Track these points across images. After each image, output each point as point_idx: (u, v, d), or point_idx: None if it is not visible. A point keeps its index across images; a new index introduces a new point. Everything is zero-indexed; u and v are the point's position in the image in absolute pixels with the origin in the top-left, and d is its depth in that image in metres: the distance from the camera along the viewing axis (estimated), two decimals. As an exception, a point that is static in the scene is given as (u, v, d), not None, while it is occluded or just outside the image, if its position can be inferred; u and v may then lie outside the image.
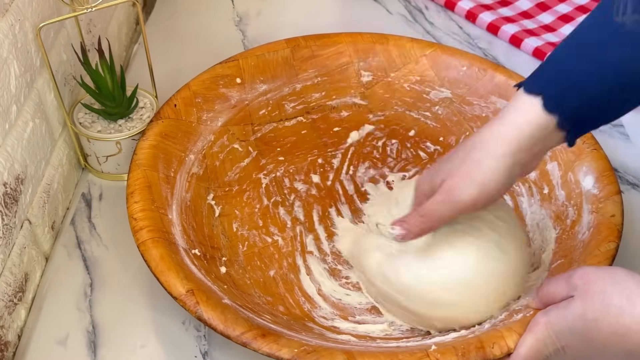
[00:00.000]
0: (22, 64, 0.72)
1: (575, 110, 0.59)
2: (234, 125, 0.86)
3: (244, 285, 0.74)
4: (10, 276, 0.70)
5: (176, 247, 0.70)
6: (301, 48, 0.91)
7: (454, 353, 0.61)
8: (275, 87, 0.89)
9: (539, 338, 0.60)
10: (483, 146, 0.61)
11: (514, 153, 0.60)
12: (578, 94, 0.58)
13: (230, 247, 0.77)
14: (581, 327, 0.56)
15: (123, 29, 1.04)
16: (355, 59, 0.92)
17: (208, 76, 0.86)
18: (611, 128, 0.94)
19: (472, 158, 0.61)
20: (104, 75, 0.82)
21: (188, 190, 0.78)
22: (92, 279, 0.77)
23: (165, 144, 0.79)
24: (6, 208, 0.68)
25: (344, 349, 0.63)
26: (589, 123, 0.62)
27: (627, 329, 0.53)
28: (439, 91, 0.90)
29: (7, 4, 0.68)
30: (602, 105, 0.59)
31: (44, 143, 0.78)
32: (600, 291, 0.55)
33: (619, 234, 0.70)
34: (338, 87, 0.92)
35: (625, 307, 0.54)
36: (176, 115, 0.82)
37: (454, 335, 0.67)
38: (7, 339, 0.70)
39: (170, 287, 0.65)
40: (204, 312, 0.63)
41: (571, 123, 0.60)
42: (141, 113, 0.87)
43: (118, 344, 0.72)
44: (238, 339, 0.62)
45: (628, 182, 0.88)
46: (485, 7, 1.12)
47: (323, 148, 0.89)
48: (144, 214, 0.71)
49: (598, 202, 0.74)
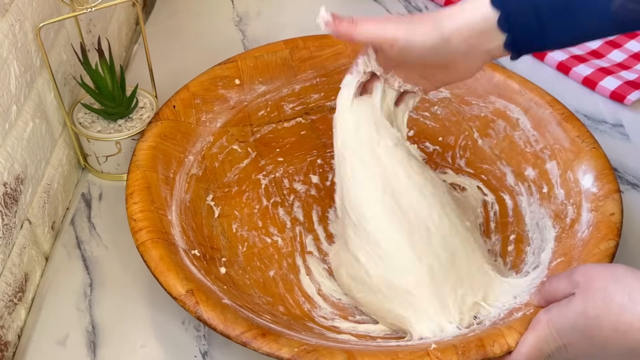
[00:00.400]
0: (22, 64, 0.72)
1: (518, 15, 0.62)
2: (233, 127, 0.86)
3: (244, 285, 0.74)
4: (10, 276, 0.70)
5: (176, 248, 0.70)
6: (300, 49, 0.91)
7: (454, 351, 0.61)
8: (274, 88, 0.89)
9: (540, 336, 0.60)
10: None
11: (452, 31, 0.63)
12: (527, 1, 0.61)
13: (229, 247, 0.77)
14: (582, 324, 0.56)
15: (123, 29, 1.04)
16: (353, 60, 0.91)
17: (207, 77, 0.86)
18: (611, 128, 0.94)
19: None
20: (103, 75, 0.83)
21: (187, 191, 0.78)
22: (92, 279, 0.77)
23: (164, 145, 0.79)
24: (6, 208, 0.69)
25: (344, 348, 0.63)
26: (532, 40, 0.64)
27: (629, 326, 0.54)
28: (437, 91, 0.90)
29: (7, 4, 0.68)
30: (546, 20, 0.62)
31: (44, 143, 0.78)
32: (602, 288, 0.55)
33: (619, 232, 0.70)
34: (337, 88, 0.90)
35: (626, 305, 0.54)
36: (175, 117, 0.82)
37: (454, 333, 0.67)
38: (7, 339, 0.70)
39: (170, 287, 0.65)
40: (203, 312, 0.63)
41: (511, 25, 0.62)
42: (141, 113, 0.87)
43: (118, 344, 0.72)
44: (238, 339, 0.62)
45: (628, 182, 0.88)
46: (484, 7, 1.12)
47: (322, 149, 0.89)
48: (144, 215, 0.71)
49: (597, 200, 0.74)
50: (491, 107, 0.87)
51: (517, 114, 0.85)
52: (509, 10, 0.62)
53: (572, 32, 0.63)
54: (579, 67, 1.01)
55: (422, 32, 0.65)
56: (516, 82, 0.86)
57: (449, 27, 0.64)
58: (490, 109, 0.87)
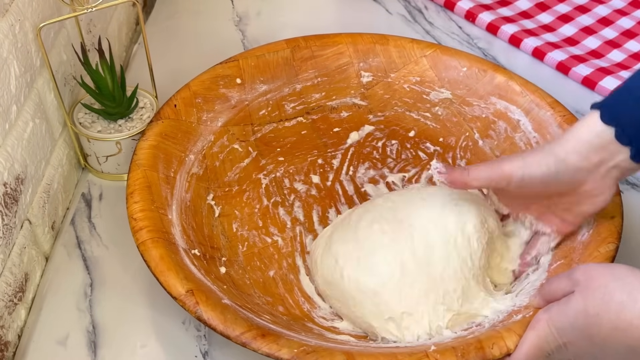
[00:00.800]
0: (22, 64, 0.72)
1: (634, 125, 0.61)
2: (234, 126, 0.86)
3: (244, 285, 0.74)
4: (10, 276, 0.70)
5: (176, 247, 0.70)
6: (301, 48, 0.91)
7: (454, 353, 0.61)
8: (275, 88, 0.89)
9: (540, 335, 0.60)
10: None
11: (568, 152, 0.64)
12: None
13: (230, 247, 0.77)
14: (582, 322, 0.56)
15: (123, 29, 1.04)
16: (355, 60, 0.92)
17: (208, 76, 0.86)
18: (611, 128, 0.94)
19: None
20: (104, 75, 0.82)
21: (188, 191, 0.78)
22: (92, 279, 0.77)
23: (165, 144, 0.79)
24: (6, 208, 0.69)
25: (343, 349, 0.63)
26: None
27: (628, 324, 0.54)
28: (439, 92, 0.90)
29: (7, 4, 0.68)
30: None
31: (44, 143, 0.78)
32: (602, 286, 0.55)
33: (619, 235, 0.70)
34: (338, 88, 0.92)
35: (626, 303, 0.54)
36: (176, 116, 0.82)
37: (453, 335, 0.67)
38: (7, 339, 0.70)
39: (170, 287, 0.65)
40: (203, 312, 0.63)
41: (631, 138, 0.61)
42: (141, 113, 0.87)
43: (118, 344, 0.72)
44: (238, 339, 0.62)
45: (628, 182, 0.88)
46: (484, 7, 1.12)
47: (323, 148, 0.89)
48: (144, 214, 0.71)
49: (598, 202, 0.74)
50: (492, 108, 0.87)
51: (518, 116, 0.85)
52: (624, 123, 0.61)
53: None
54: (579, 67, 1.01)
55: (535, 161, 0.65)
56: (517, 84, 0.86)
57: (563, 148, 0.64)
58: (491, 110, 0.87)
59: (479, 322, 0.68)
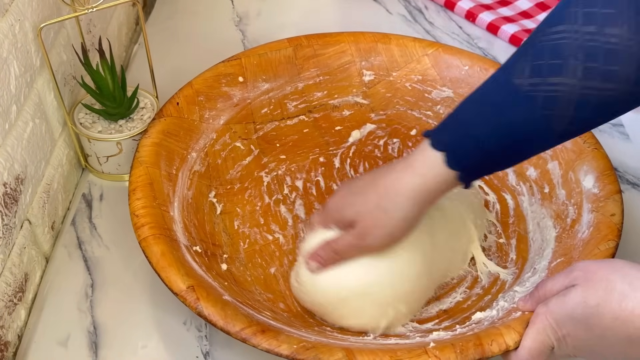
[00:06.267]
0: (22, 64, 0.72)
1: (474, 166, 0.64)
2: (236, 124, 0.86)
3: (245, 282, 0.74)
4: (10, 276, 0.70)
5: (177, 244, 0.70)
6: (303, 47, 0.91)
7: (453, 350, 0.61)
8: (278, 86, 0.89)
9: (540, 328, 0.60)
10: (394, 199, 0.65)
11: (420, 204, 0.65)
12: (479, 153, 0.62)
13: (231, 244, 0.77)
14: (581, 313, 0.56)
15: (123, 29, 1.04)
16: (357, 58, 0.92)
17: (210, 74, 0.86)
18: (611, 128, 0.94)
19: (382, 207, 0.66)
20: (104, 75, 0.82)
21: (190, 188, 0.78)
22: (93, 279, 0.77)
23: (167, 141, 0.79)
24: (6, 208, 0.68)
25: (342, 345, 0.63)
26: (485, 172, 0.69)
27: (630, 313, 0.54)
28: (440, 90, 0.90)
29: (7, 4, 0.68)
30: (498, 160, 0.65)
31: (44, 143, 0.78)
32: (603, 279, 0.56)
33: (619, 233, 0.70)
34: (340, 86, 0.91)
35: (627, 292, 0.54)
36: (178, 113, 0.82)
37: (453, 332, 0.67)
38: (7, 339, 0.70)
39: (171, 283, 0.65)
40: (204, 308, 0.63)
41: (470, 175, 0.65)
42: (142, 113, 0.87)
43: (119, 344, 0.72)
44: (238, 335, 0.62)
45: (628, 181, 0.88)
46: (485, 7, 1.12)
47: (325, 147, 0.89)
48: (146, 211, 0.71)
49: (598, 201, 0.74)
50: (493, 105, 0.86)
51: (520, 113, 0.84)
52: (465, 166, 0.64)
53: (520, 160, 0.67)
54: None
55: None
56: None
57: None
58: (492, 108, 0.86)
59: (478, 320, 0.68)
